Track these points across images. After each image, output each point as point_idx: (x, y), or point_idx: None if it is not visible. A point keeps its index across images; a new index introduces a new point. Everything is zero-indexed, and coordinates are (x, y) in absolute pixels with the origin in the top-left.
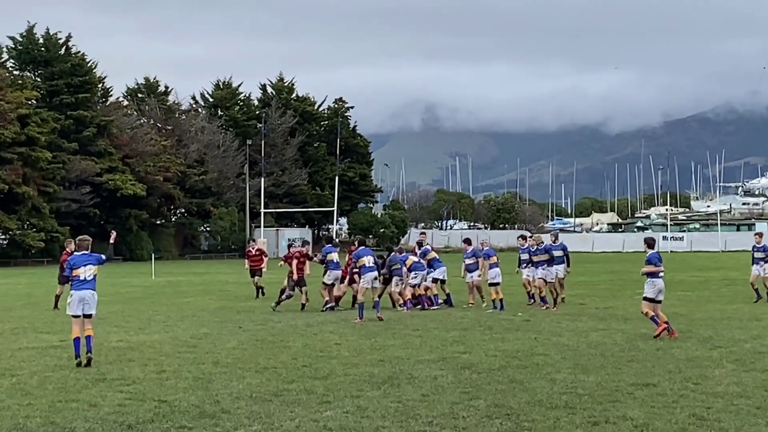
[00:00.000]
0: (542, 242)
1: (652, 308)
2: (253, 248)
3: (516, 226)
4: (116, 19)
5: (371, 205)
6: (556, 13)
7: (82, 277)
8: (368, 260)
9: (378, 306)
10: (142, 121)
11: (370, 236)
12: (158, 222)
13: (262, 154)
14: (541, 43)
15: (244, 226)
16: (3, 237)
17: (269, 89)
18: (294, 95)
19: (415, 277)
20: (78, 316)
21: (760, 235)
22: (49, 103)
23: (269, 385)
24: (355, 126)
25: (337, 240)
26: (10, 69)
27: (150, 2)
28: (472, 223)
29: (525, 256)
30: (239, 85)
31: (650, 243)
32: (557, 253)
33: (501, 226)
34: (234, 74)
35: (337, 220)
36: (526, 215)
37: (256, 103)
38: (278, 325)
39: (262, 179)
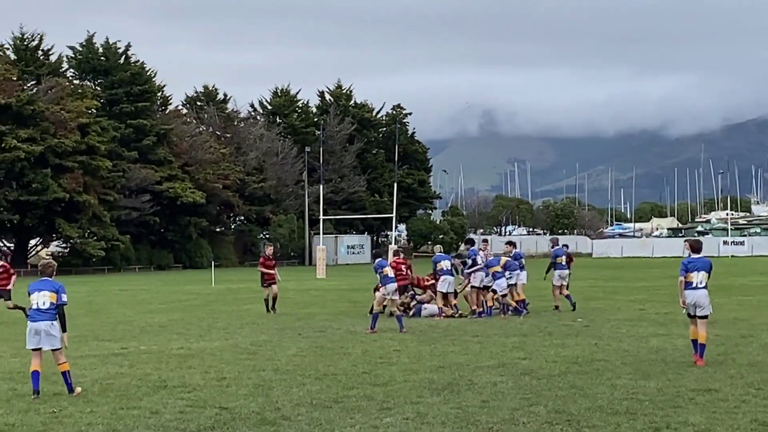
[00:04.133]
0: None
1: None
2: (269, 254)
3: (575, 232)
4: (177, 28)
5: (430, 212)
6: (614, 17)
7: (35, 306)
8: (389, 271)
9: (401, 320)
10: (201, 129)
11: (429, 243)
12: (218, 229)
13: (321, 161)
14: (599, 48)
15: (304, 233)
16: (64, 245)
17: (327, 96)
18: (352, 102)
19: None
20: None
21: None
22: (109, 111)
23: (329, 392)
24: (413, 132)
25: (396, 247)
26: (71, 78)
27: (210, 12)
28: (531, 229)
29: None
30: (297, 92)
31: (696, 246)
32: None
33: (560, 231)
34: (292, 81)
35: (396, 227)
36: (586, 220)
37: (314, 110)
38: (338, 332)
39: (321, 186)
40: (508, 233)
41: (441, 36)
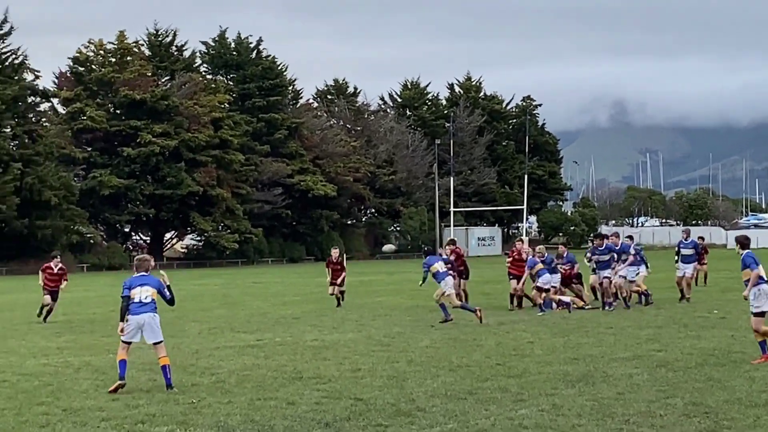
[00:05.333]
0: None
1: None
2: (335, 257)
3: (709, 223)
4: (308, 23)
5: (561, 203)
6: (748, 3)
7: (138, 299)
8: (440, 266)
9: (445, 308)
10: (331, 122)
11: (560, 234)
12: (349, 222)
13: (451, 154)
14: (733, 37)
15: (434, 226)
16: (198, 238)
17: (457, 88)
18: (482, 94)
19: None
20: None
21: None
22: (242, 106)
23: (463, 384)
24: (543, 123)
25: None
26: (204, 74)
27: (343, 6)
28: (664, 220)
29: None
30: (427, 85)
31: (744, 242)
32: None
33: (694, 222)
34: (422, 74)
35: (527, 219)
36: (719, 211)
37: (444, 102)
38: (470, 324)
39: (452, 178)
40: (640, 224)
41: (571, 27)
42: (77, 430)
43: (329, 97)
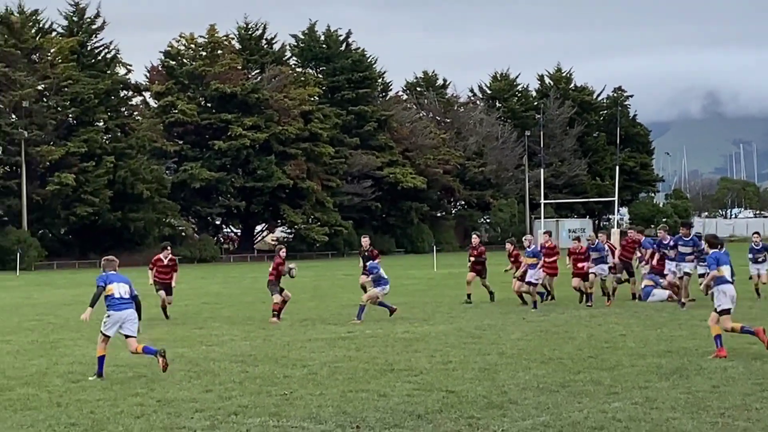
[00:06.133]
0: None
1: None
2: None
3: None
4: (397, 15)
5: (652, 195)
6: None
7: (118, 295)
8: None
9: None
10: (421, 114)
11: (651, 226)
12: (438, 214)
13: (541, 145)
14: None
15: (524, 218)
16: (289, 231)
17: (547, 80)
18: (572, 85)
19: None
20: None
21: None
22: (331, 99)
23: (555, 376)
24: (634, 115)
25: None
26: (293, 67)
27: None
28: (758, 212)
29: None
30: (517, 77)
31: (713, 242)
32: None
33: None
34: (511, 66)
35: (618, 210)
36: None
37: (533, 94)
38: (562, 316)
39: (542, 170)
40: (733, 216)
41: (663, 17)
42: (171, 421)
43: (418, 89)
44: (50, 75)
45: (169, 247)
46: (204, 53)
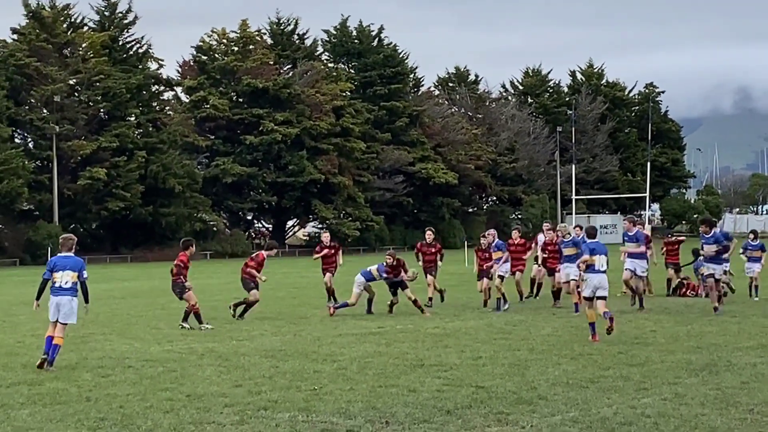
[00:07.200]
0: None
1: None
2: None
3: None
4: (429, 11)
5: (684, 191)
6: None
7: (58, 284)
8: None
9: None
10: (453, 110)
11: (683, 222)
12: (470, 210)
13: (573, 141)
14: None
15: (556, 214)
16: (320, 226)
17: (579, 76)
18: (603, 81)
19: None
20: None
21: None
22: (363, 94)
23: (585, 372)
24: (666, 111)
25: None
26: (325, 62)
27: None
28: None
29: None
30: (549, 72)
31: (590, 232)
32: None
33: None
34: (543, 62)
35: (650, 206)
36: None
37: (565, 90)
38: None
39: (573, 166)
40: (765, 212)
41: (694, 13)
42: (201, 416)
43: (450, 84)
44: (82, 70)
45: (327, 231)
46: (236, 48)
